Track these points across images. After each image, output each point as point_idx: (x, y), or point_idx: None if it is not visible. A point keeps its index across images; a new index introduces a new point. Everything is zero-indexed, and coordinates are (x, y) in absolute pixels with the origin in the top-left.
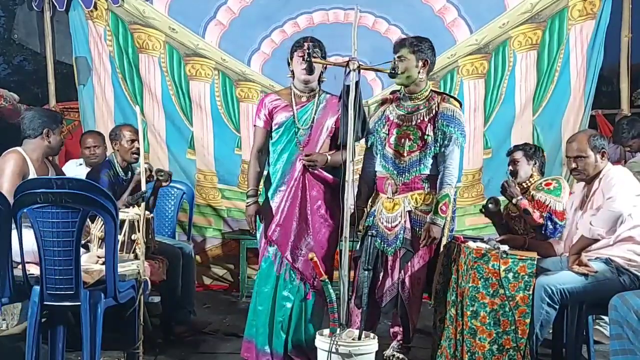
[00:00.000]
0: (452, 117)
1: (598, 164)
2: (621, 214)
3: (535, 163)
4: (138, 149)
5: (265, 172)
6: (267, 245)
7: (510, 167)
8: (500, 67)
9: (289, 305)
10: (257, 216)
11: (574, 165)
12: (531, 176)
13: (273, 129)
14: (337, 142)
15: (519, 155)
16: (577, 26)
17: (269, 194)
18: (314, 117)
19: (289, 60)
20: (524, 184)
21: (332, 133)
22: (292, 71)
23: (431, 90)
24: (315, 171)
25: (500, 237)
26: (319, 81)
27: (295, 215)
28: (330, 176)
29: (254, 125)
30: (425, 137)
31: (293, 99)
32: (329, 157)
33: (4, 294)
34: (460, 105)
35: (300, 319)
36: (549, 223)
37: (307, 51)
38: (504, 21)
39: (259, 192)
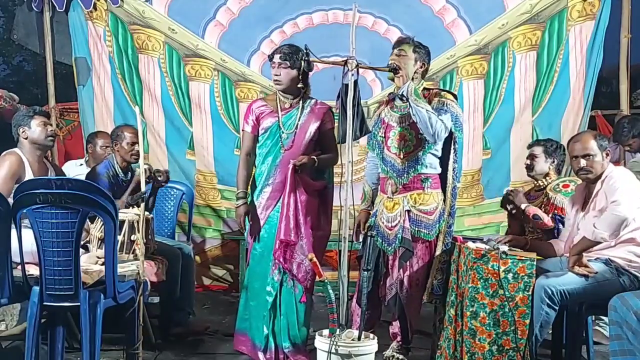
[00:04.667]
0: (441, 108)
1: (604, 164)
2: (626, 219)
3: (554, 161)
4: (138, 151)
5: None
6: (254, 243)
7: (527, 161)
8: (499, 68)
9: (270, 299)
10: (247, 216)
11: (582, 164)
12: (547, 175)
13: (260, 134)
14: (320, 146)
15: (538, 150)
16: (577, 27)
17: (254, 195)
18: (297, 123)
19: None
20: (540, 182)
21: (316, 137)
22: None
23: (424, 88)
24: (305, 177)
25: (502, 237)
26: (303, 87)
27: (286, 219)
28: (317, 183)
29: (242, 130)
30: (420, 135)
31: (278, 105)
32: (316, 160)
33: (3, 294)
34: (455, 98)
35: (293, 318)
36: (560, 225)
37: (306, 51)
38: (504, 22)
39: (247, 194)
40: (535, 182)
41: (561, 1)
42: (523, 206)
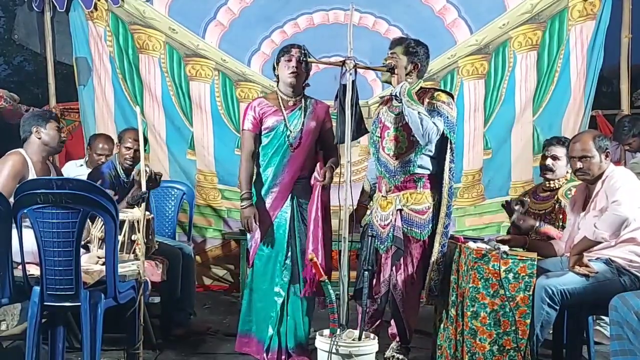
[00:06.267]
0: (432, 110)
1: (602, 165)
2: (627, 219)
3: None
4: (132, 157)
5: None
6: (261, 244)
7: (548, 163)
8: (500, 68)
9: (279, 300)
10: (254, 218)
11: (579, 165)
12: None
13: (263, 133)
14: (321, 144)
15: (561, 152)
16: (577, 27)
17: (262, 194)
18: (303, 121)
19: (275, 66)
20: (552, 183)
21: (317, 136)
22: (278, 76)
23: (421, 87)
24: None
25: (501, 236)
26: (303, 87)
27: (316, 241)
28: (326, 193)
29: (243, 130)
30: (412, 137)
31: (281, 104)
32: (334, 167)
33: (4, 294)
34: (452, 97)
35: (300, 318)
36: None
37: (303, 51)
38: (504, 22)
39: (252, 195)
40: (547, 182)
41: (562, 1)
42: (536, 227)
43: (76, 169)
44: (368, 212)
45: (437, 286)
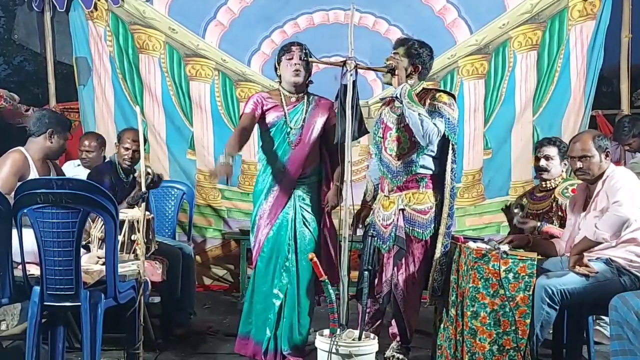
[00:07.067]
0: (433, 111)
1: (602, 164)
2: (628, 219)
3: (566, 164)
4: (131, 157)
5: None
6: (263, 245)
7: (542, 164)
8: (500, 68)
9: (277, 302)
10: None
11: (579, 165)
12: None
13: (265, 128)
14: (326, 142)
15: (553, 151)
16: (577, 27)
17: (263, 195)
18: (304, 118)
19: (276, 66)
20: (549, 183)
21: (321, 133)
22: (279, 75)
23: (423, 88)
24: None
25: (506, 237)
26: (307, 84)
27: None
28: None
29: (242, 113)
30: (413, 138)
31: (283, 100)
32: (338, 185)
33: (4, 294)
34: (454, 98)
35: (295, 320)
36: None
37: (305, 51)
38: (504, 22)
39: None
40: (543, 183)
41: (562, 1)
42: (538, 227)
43: (74, 169)
44: (371, 212)
45: (440, 287)
